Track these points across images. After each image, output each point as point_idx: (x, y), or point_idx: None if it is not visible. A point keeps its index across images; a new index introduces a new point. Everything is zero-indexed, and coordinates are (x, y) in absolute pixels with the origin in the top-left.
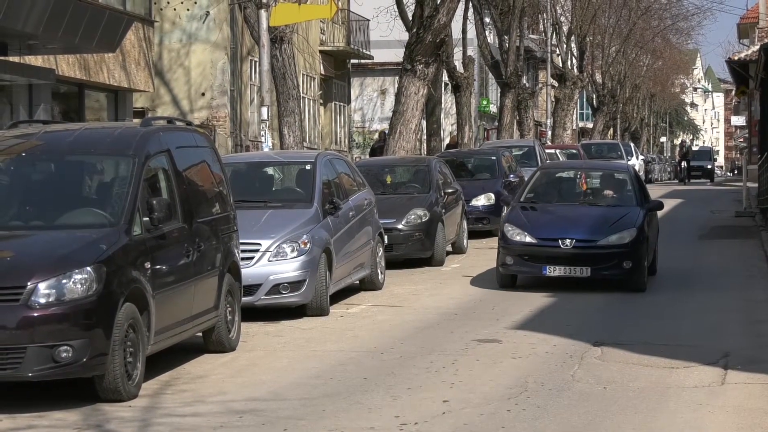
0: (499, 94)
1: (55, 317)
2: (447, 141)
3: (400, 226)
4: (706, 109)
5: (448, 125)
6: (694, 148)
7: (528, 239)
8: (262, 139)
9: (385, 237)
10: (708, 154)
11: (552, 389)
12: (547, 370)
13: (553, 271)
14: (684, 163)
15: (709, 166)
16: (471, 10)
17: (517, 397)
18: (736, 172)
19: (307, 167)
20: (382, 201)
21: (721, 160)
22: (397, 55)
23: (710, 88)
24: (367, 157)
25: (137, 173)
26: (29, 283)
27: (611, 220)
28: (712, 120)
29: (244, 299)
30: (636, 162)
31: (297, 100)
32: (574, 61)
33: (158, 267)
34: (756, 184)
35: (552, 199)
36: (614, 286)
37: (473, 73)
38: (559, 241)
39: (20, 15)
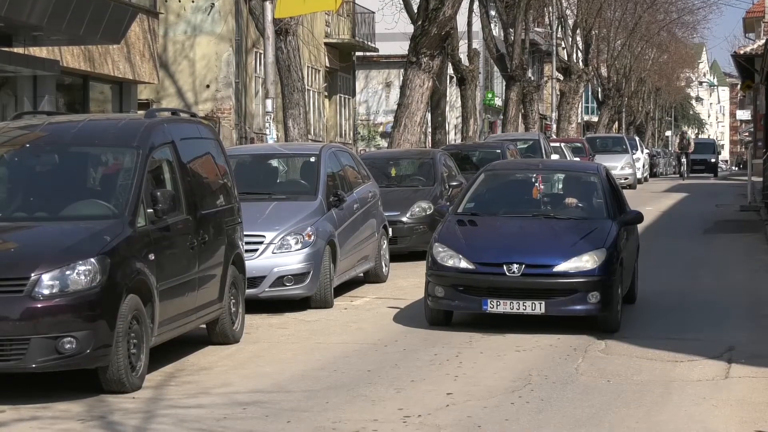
0: (504, 87)
1: (58, 308)
2: (452, 135)
3: (404, 219)
4: (711, 103)
5: (452, 118)
6: (696, 139)
7: (464, 264)
8: (267, 132)
9: (390, 230)
10: (711, 146)
11: (556, 382)
12: (551, 363)
13: (496, 306)
14: (683, 157)
15: (713, 160)
16: (476, 3)
17: (521, 390)
18: (741, 166)
19: (312, 159)
20: (386, 194)
21: (726, 154)
22: (402, 47)
23: (716, 82)
24: (373, 149)
25: (141, 165)
26: (33, 275)
27: (573, 237)
28: (717, 114)
29: (248, 291)
30: (641, 156)
31: (302, 93)
32: (580, 54)
33: (162, 259)
34: (761, 179)
35: (498, 209)
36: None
37: (478, 66)
38: (504, 267)
39: (25, 6)
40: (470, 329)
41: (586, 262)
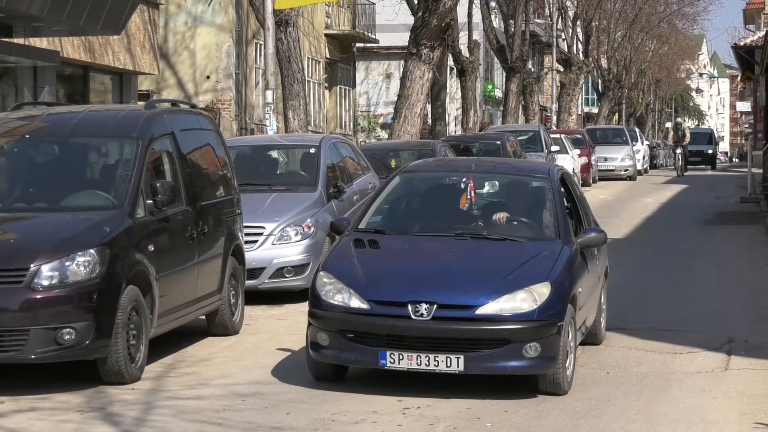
0: (504, 79)
1: (58, 299)
2: (452, 127)
3: None
4: (711, 95)
5: (453, 110)
6: (692, 128)
7: (355, 302)
8: (267, 123)
9: None
10: (708, 136)
11: None
12: None
13: (398, 360)
14: (679, 150)
15: (710, 151)
16: None
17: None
18: (741, 157)
19: (312, 151)
20: None
21: (726, 145)
22: (402, 38)
23: (716, 74)
24: (374, 140)
25: (141, 156)
26: (32, 266)
27: (507, 266)
28: (717, 106)
29: (248, 282)
30: (641, 147)
31: (302, 84)
32: (580, 45)
33: (162, 250)
34: (761, 170)
35: (412, 226)
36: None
37: (478, 58)
38: (409, 307)
39: None
40: None
41: (522, 301)
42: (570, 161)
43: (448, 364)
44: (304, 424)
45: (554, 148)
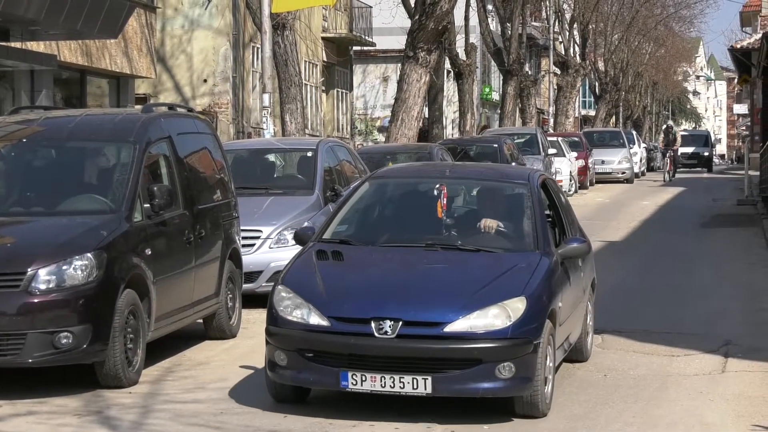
0: (501, 82)
1: (55, 303)
2: (449, 130)
3: None
4: (708, 98)
5: (450, 113)
6: (685, 131)
7: (314, 319)
8: (264, 126)
9: None
10: (704, 138)
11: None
12: None
13: (361, 381)
14: (669, 154)
15: (706, 154)
16: None
17: None
18: (739, 160)
19: (309, 154)
20: None
21: (723, 148)
22: (399, 42)
23: (713, 77)
24: (371, 143)
25: (138, 159)
26: (30, 270)
27: (480, 280)
28: (714, 108)
29: (245, 286)
30: (638, 150)
31: (299, 87)
32: (577, 48)
33: (159, 253)
34: (758, 172)
35: (380, 236)
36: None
37: (475, 61)
38: (372, 325)
39: (22, 1)
40: None
41: (495, 317)
42: (567, 164)
43: (415, 386)
44: (301, 428)
45: (551, 150)
